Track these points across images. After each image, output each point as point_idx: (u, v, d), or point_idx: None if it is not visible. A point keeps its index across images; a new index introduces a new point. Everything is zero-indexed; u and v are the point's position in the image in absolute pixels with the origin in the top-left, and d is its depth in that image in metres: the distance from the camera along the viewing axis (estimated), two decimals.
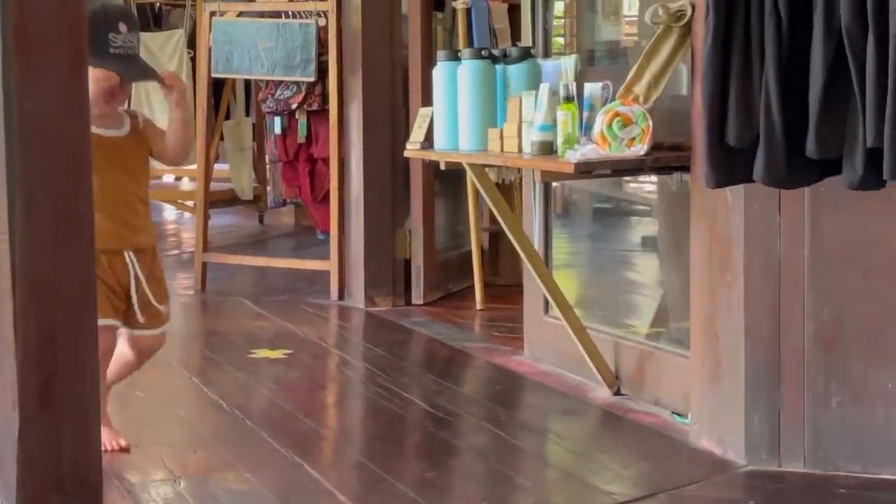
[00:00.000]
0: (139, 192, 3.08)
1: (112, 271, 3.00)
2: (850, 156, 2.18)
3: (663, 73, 3.14)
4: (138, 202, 3.07)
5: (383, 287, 5.15)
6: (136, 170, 3.05)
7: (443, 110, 3.57)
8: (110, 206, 2.89)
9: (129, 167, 3.03)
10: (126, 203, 3.02)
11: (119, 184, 2.99)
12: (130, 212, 3.03)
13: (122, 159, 3.00)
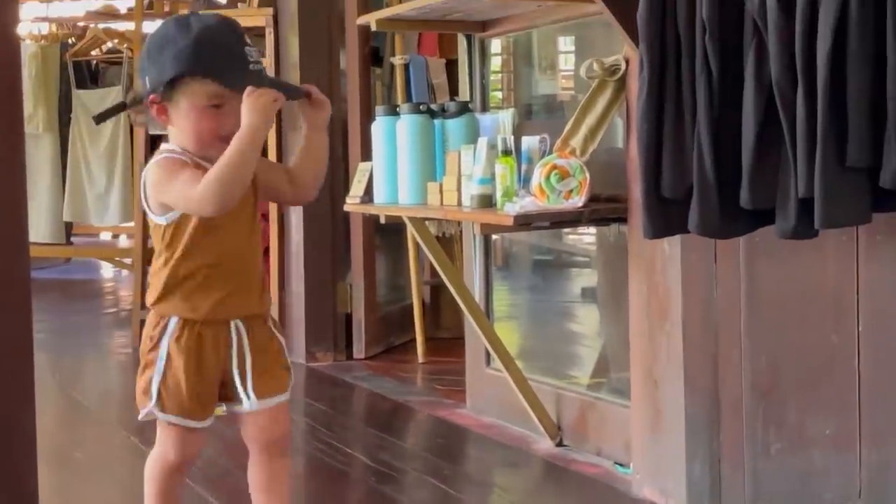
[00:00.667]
0: (254, 246, 2.44)
1: (212, 348, 2.35)
2: (783, 206, 2.22)
3: (599, 127, 3.18)
4: (254, 257, 2.43)
5: (324, 342, 5.13)
6: (251, 218, 2.41)
7: (382, 164, 3.59)
8: (221, 268, 2.34)
9: (243, 215, 2.37)
10: (240, 260, 2.38)
11: (232, 237, 2.35)
12: (244, 271, 2.39)
13: (237, 211, 2.31)
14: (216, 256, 2.32)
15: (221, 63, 2.28)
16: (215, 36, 2.29)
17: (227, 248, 2.33)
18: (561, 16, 3.57)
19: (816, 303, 2.64)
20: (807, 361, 2.66)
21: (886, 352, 2.51)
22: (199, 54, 2.26)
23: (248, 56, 2.30)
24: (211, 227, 2.30)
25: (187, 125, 2.30)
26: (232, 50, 2.30)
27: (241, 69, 2.28)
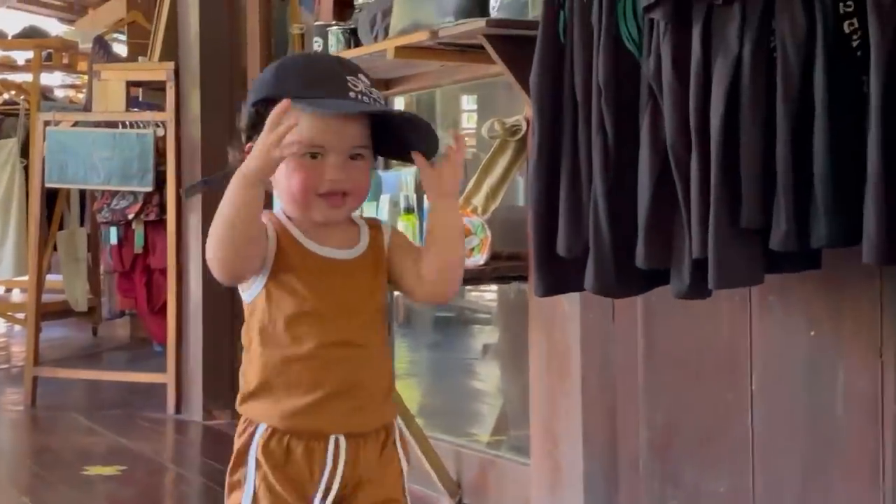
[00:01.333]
0: (374, 340, 1.85)
1: (304, 466, 1.81)
2: (678, 266, 2.26)
3: (501, 185, 3.21)
4: (372, 355, 1.85)
5: (222, 399, 5.06)
6: (370, 309, 1.85)
7: None
8: (319, 362, 1.80)
9: (359, 305, 1.83)
10: (349, 355, 1.81)
11: (337, 324, 1.81)
12: (354, 370, 1.82)
13: (347, 295, 1.82)
14: (312, 347, 1.79)
15: (307, 83, 1.80)
16: (307, 59, 2.06)
17: (329, 338, 1.79)
18: (464, 76, 3.61)
19: (711, 361, 2.69)
20: (702, 419, 2.70)
21: (779, 410, 2.56)
22: (280, 76, 1.83)
23: (349, 83, 1.79)
24: (306, 309, 1.79)
25: (281, 181, 1.81)
26: (326, 70, 1.83)
27: (335, 93, 1.78)
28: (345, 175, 1.79)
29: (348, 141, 1.80)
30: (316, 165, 1.78)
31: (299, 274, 1.80)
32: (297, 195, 1.79)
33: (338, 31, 3.56)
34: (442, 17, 2.94)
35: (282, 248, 1.80)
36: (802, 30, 2.08)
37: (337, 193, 1.80)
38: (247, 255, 1.77)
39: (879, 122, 1.99)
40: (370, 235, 1.89)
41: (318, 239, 1.83)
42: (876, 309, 2.36)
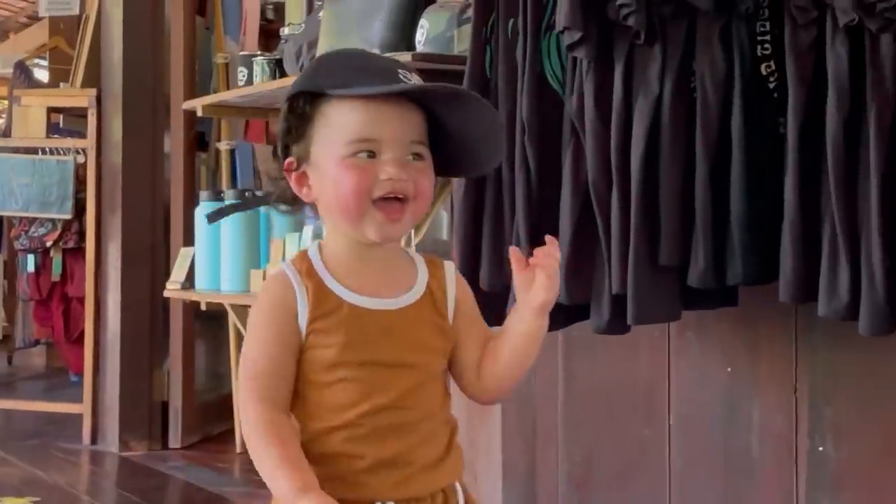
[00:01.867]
0: (424, 407, 1.58)
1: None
2: (598, 302, 2.28)
3: (425, 219, 3.22)
4: (422, 426, 1.57)
5: (139, 430, 4.99)
6: (425, 366, 1.58)
7: (205, 250, 3.55)
8: (365, 428, 1.54)
9: (409, 363, 1.56)
10: (393, 430, 1.55)
11: (383, 396, 1.54)
12: (401, 446, 1.55)
13: (394, 352, 1.55)
14: (353, 416, 1.53)
15: (353, 73, 1.53)
16: (350, 51, 1.78)
17: (372, 403, 1.53)
18: None
19: (630, 396, 2.71)
20: (621, 453, 2.72)
21: (696, 445, 2.58)
22: (319, 67, 1.60)
23: (400, 75, 1.54)
24: (342, 374, 1.53)
25: (329, 190, 1.53)
26: (374, 60, 1.62)
27: (385, 79, 1.52)
28: (405, 174, 1.51)
29: (407, 133, 1.52)
30: (371, 164, 1.50)
31: (334, 331, 1.52)
32: (349, 201, 1.50)
33: (263, 62, 3.55)
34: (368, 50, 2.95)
35: (314, 302, 1.53)
36: (721, 71, 2.12)
37: (396, 200, 1.51)
38: None
39: (795, 162, 2.03)
40: (429, 276, 1.61)
41: (359, 285, 1.55)
42: (790, 346, 2.40)
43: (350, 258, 1.57)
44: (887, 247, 1.94)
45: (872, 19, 1.92)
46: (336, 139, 1.51)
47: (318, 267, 1.56)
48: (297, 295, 1.53)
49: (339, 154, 1.51)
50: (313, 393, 1.55)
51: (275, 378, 1.53)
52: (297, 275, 1.55)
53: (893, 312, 1.97)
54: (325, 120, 1.53)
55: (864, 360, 2.30)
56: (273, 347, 1.53)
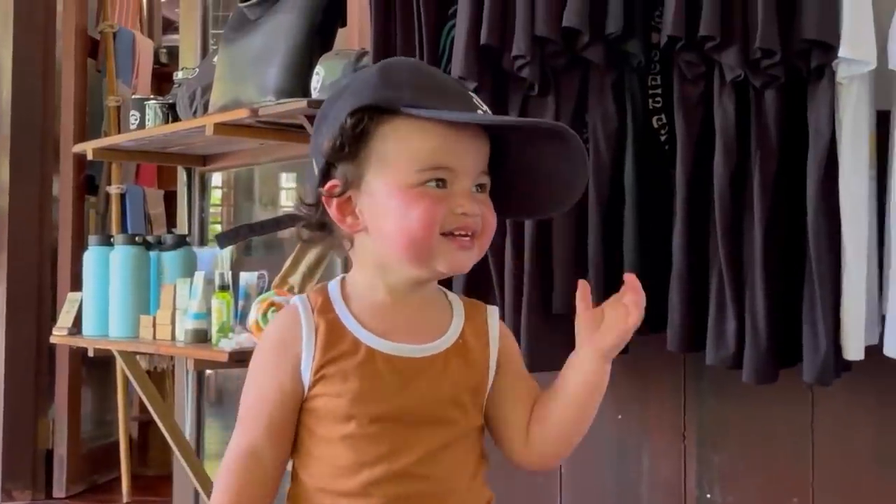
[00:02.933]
0: (451, 478, 1.37)
1: None
2: None
3: (318, 265, 3.20)
4: (447, 499, 1.36)
5: (22, 479, 4.86)
6: (452, 427, 1.37)
7: (93, 296, 3.48)
8: (373, 503, 1.33)
9: (434, 422, 1.36)
10: (412, 501, 1.34)
11: (401, 461, 1.33)
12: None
13: (416, 408, 1.35)
14: (364, 482, 1.33)
15: (427, 92, 1.35)
16: (418, 63, 1.51)
17: (388, 469, 1.33)
18: (283, 154, 3.61)
19: None
20: (513, 502, 2.72)
21: (587, 493, 2.60)
22: (389, 78, 1.37)
23: (474, 99, 1.39)
24: (352, 430, 1.34)
25: (388, 221, 1.34)
26: (446, 80, 1.43)
27: (463, 107, 1.35)
28: (476, 208, 1.35)
29: (479, 164, 1.36)
30: (442, 195, 1.33)
31: (347, 378, 1.33)
32: (417, 234, 1.32)
33: (156, 106, 3.51)
34: (263, 96, 2.94)
35: (325, 343, 1.35)
36: (614, 123, 2.16)
37: (467, 232, 1.35)
38: None
39: (683, 214, 2.07)
40: (465, 320, 1.42)
41: (382, 327, 1.36)
42: (679, 393, 2.44)
43: (380, 297, 1.39)
44: (770, 297, 1.99)
45: (757, 76, 1.98)
46: (403, 165, 1.32)
47: (335, 302, 1.38)
48: (304, 335, 1.35)
49: (407, 182, 1.32)
50: (316, 448, 1.36)
51: (266, 427, 1.35)
52: (309, 310, 1.37)
53: (777, 362, 2.01)
54: (388, 142, 1.34)
55: (750, 408, 2.34)
56: (269, 394, 1.36)
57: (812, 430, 2.27)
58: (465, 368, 1.38)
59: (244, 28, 3.13)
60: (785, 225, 2.00)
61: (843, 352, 1.94)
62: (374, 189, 1.35)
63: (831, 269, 1.93)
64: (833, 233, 1.92)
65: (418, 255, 1.34)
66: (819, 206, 1.93)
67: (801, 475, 2.28)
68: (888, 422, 2.19)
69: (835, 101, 1.92)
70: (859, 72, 1.90)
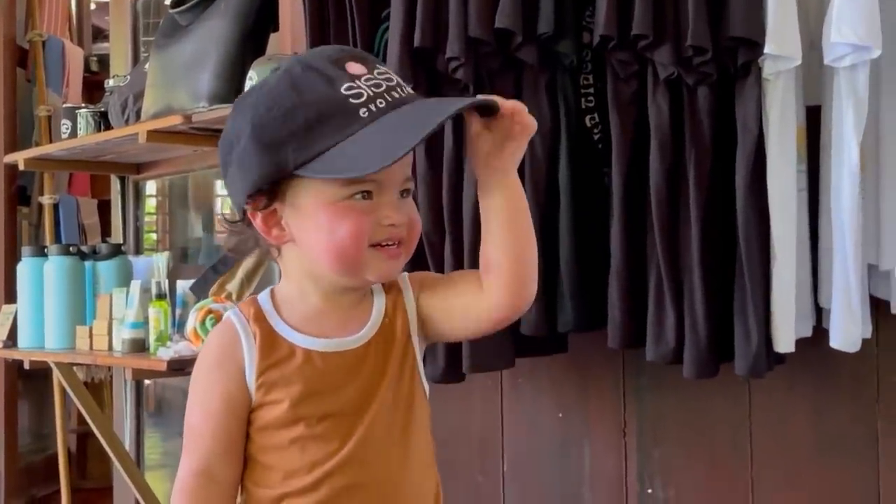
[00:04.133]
0: (396, 463, 1.38)
1: None
2: (433, 350, 2.29)
3: (256, 271, 3.19)
4: (397, 486, 1.38)
5: None
6: (392, 409, 1.39)
7: (28, 307, 3.44)
8: (322, 495, 1.35)
9: (373, 408, 1.37)
10: (360, 491, 1.36)
11: (345, 453, 1.35)
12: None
13: (353, 398, 1.37)
14: (311, 480, 1.34)
15: (306, 133, 1.30)
16: (280, 102, 1.34)
17: (333, 463, 1.34)
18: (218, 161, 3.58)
19: (465, 443, 2.72)
20: (456, 501, 2.72)
21: (530, 491, 2.61)
22: (265, 143, 1.33)
23: (350, 101, 1.30)
24: (297, 432, 1.35)
25: (317, 235, 1.35)
26: (318, 100, 1.31)
27: (347, 121, 1.30)
28: (403, 217, 1.36)
29: (403, 171, 1.36)
30: (369, 207, 1.33)
31: (288, 383, 1.35)
32: (346, 249, 1.33)
33: (87, 114, 3.48)
34: (195, 102, 2.92)
35: (263, 350, 1.37)
36: (548, 123, 2.17)
37: (394, 242, 1.36)
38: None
39: (620, 212, 2.09)
40: (386, 297, 1.42)
41: (318, 330, 1.38)
42: (619, 390, 2.46)
43: (311, 302, 1.40)
44: (708, 292, 2.01)
45: (690, 73, 2.00)
46: (329, 181, 1.32)
47: (267, 312, 1.39)
48: (244, 344, 1.37)
49: (334, 196, 1.32)
50: (264, 458, 1.37)
51: (217, 443, 1.35)
52: (244, 320, 1.38)
53: (716, 356, 2.04)
54: None
55: (689, 403, 2.37)
56: (216, 407, 1.36)
57: (750, 422, 2.30)
58: (393, 345, 1.40)
59: (175, 34, 3.11)
60: (721, 220, 2.03)
61: (774, 344, 1.97)
62: (300, 203, 1.35)
63: (761, 262, 1.96)
64: (762, 227, 1.95)
65: (348, 267, 1.36)
66: (748, 201, 1.96)
67: (739, 467, 2.31)
68: (824, 412, 2.22)
69: (762, 97, 1.95)
70: (785, 67, 1.93)
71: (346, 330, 1.39)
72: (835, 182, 1.91)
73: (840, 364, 2.13)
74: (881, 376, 2.15)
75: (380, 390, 1.37)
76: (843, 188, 1.89)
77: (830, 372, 2.18)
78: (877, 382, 2.16)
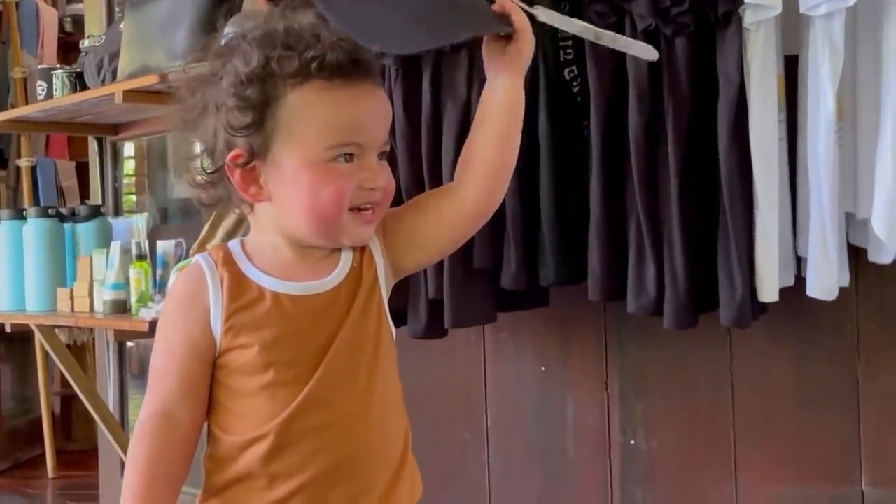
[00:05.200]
0: (361, 400, 1.36)
1: None
2: (415, 307, 2.30)
3: (236, 230, 3.17)
4: (362, 423, 1.35)
5: None
6: (360, 351, 1.37)
7: (8, 271, 3.43)
8: (288, 448, 1.32)
9: (341, 349, 1.35)
10: (327, 430, 1.33)
11: (313, 393, 1.32)
12: (340, 451, 1.34)
13: (321, 338, 1.34)
14: (279, 421, 1.32)
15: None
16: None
17: (302, 405, 1.32)
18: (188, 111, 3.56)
19: (448, 400, 2.74)
20: (441, 458, 2.74)
21: (513, 445, 2.63)
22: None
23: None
24: (266, 377, 1.33)
25: (297, 196, 1.33)
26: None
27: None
28: (383, 181, 1.36)
29: (384, 133, 1.37)
30: (351, 170, 1.33)
31: (257, 326, 1.33)
32: (328, 212, 1.33)
33: (63, 75, 3.45)
34: (172, 61, 2.90)
35: (231, 293, 1.34)
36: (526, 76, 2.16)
37: (372, 206, 1.36)
38: None
39: (599, 165, 2.09)
40: (352, 250, 1.40)
41: (287, 275, 1.36)
42: (601, 343, 2.47)
43: (282, 254, 1.38)
44: (688, 244, 2.02)
45: (667, 24, 1.99)
46: (312, 141, 1.31)
47: (237, 256, 1.37)
48: (210, 287, 1.34)
49: (316, 158, 1.31)
50: (232, 403, 1.34)
51: (178, 385, 1.33)
52: (212, 264, 1.36)
53: (696, 307, 2.05)
54: (294, 113, 1.31)
55: (670, 355, 2.38)
56: (179, 349, 1.34)
57: (731, 373, 2.31)
58: (360, 289, 1.38)
59: None
60: (700, 172, 2.03)
61: (758, 294, 1.98)
62: (281, 162, 1.33)
63: (744, 212, 1.96)
64: (744, 176, 1.95)
65: (326, 230, 1.35)
66: (731, 150, 1.96)
67: (721, 418, 2.32)
68: (805, 362, 2.24)
69: (743, 46, 1.95)
70: (765, 17, 1.92)
71: (316, 275, 1.37)
72: (811, 131, 1.91)
73: (820, 313, 2.13)
74: (860, 324, 2.16)
75: (341, 331, 1.34)
76: (819, 137, 1.89)
77: (811, 321, 2.19)
78: (856, 330, 2.17)
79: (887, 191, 1.85)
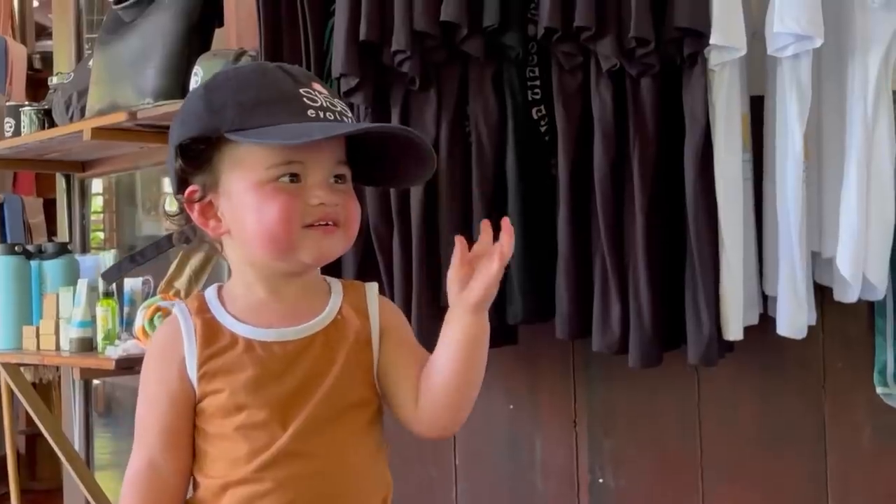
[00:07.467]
0: (338, 453, 1.37)
1: None
2: None
3: (204, 269, 3.17)
4: (338, 476, 1.37)
5: None
6: (337, 401, 1.37)
7: None
8: (262, 495, 1.34)
9: (316, 398, 1.35)
10: (301, 480, 1.34)
11: (288, 441, 1.34)
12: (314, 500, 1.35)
13: (295, 386, 1.35)
14: (252, 468, 1.34)
15: (250, 107, 1.34)
16: (242, 74, 1.40)
17: (276, 451, 1.33)
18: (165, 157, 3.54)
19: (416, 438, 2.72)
20: (408, 495, 2.72)
21: (482, 484, 2.62)
22: (212, 101, 1.36)
23: (304, 97, 1.34)
24: (240, 420, 1.34)
25: (247, 219, 1.35)
26: (272, 86, 1.36)
27: (291, 115, 1.33)
28: (335, 198, 1.35)
29: (334, 155, 1.37)
30: (297, 190, 1.34)
31: (229, 372, 1.35)
32: (276, 229, 1.33)
33: (31, 112, 3.44)
34: (141, 98, 2.90)
35: (203, 341, 1.36)
36: (494, 115, 2.18)
37: (328, 222, 1.35)
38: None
39: (567, 204, 2.10)
40: (343, 298, 1.41)
41: (259, 318, 1.38)
42: (569, 381, 2.47)
43: (257, 295, 1.39)
44: (653, 282, 2.03)
45: (633, 65, 2.01)
46: (255, 163, 1.33)
47: (211, 303, 1.40)
48: (185, 337, 1.37)
49: (260, 178, 1.33)
50: (211, 447, 1.37)
51: (160, 437, 1.36)
52: (187, 313, 1.39)
53: (661, 345, 2.05)
54: (237, 149, 1.34)
55: (638, 392, 2.38)
56: (159, 402, 1.37)
57: (699, 411, 2.32)
58: (349, 345, 1.38)
59: (119, 30, 3.08)
60: (665, 210, 2.04)
61: (723, 332, 1.99)
62: (231, 189, 1.36)
63: (710, 251, 1.97)
64: (711, 215, 1.97)
65: (280, 249, 1.35)
66: (697, 190, 1.97)
67: (689, 455, 2.32)
68: (771, 399, 2.24)
69: (708, 87, 1.97)
70: (730, 58, 1.94)
71: (291, 321, 1.38)
72: (779, 171, 1.93)
73: (786, 351, 2.15)
74: (826, 362, 2.17)
75: (322, 386, 1.35)
76: (787, 177, 1.90)
77: (777, 359, 2.20)
78: (822, 369, 2.18)
79: (852, 231, 1.87)
